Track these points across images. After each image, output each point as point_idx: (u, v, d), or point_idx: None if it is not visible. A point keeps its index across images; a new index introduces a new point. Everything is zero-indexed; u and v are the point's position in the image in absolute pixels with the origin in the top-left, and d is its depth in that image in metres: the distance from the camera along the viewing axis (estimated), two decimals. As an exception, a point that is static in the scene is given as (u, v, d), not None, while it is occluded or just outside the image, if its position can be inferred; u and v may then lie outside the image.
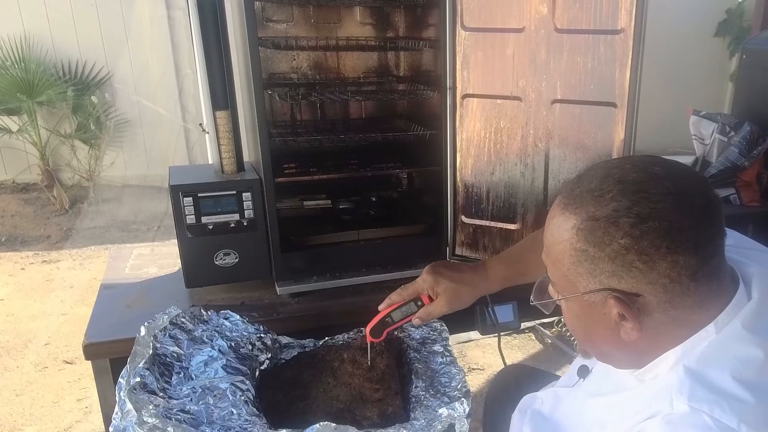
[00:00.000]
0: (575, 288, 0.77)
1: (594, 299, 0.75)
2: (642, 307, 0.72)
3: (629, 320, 0.73)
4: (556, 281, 0.81)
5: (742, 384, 0.68)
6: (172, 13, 4.76)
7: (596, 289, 0.74)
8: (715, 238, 0.72)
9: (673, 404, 0.70)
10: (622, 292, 0.72)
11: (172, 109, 4.95)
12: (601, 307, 0.75)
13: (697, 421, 0.67)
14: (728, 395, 0.68)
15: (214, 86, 1.46)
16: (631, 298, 0.72)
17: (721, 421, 0.66)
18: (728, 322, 0.73)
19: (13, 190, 4.92)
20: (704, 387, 0.69)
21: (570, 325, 0.85)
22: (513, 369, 1.53)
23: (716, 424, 0.66)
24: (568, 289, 0.79)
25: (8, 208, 4.71)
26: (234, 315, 1.23)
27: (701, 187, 0.73)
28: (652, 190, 0.71)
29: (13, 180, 4.97)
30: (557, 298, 0.82)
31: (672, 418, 0.69)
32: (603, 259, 0.72)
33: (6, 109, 4.56)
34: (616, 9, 1.34)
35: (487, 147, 1.55)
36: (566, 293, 0.79)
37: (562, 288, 0.80)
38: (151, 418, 0.91)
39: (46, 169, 4.76)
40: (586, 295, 0.75)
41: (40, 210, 4.75)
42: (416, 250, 1.62)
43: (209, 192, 1.43)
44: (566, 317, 0.85)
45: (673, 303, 0.72)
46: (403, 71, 1.88)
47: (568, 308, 0.82)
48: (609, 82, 1.39)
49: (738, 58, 3.10)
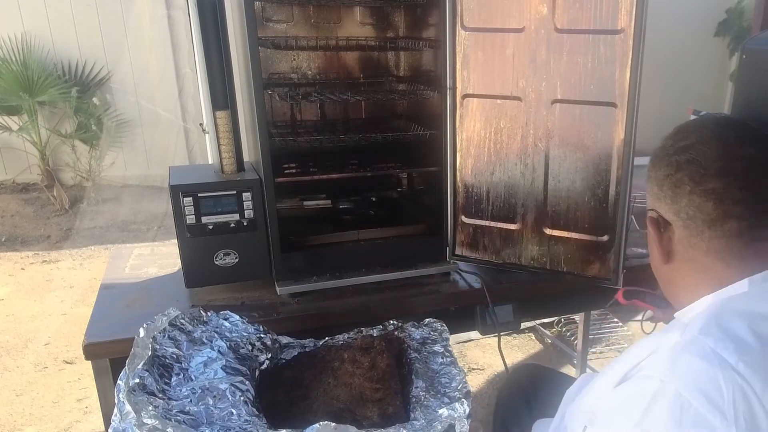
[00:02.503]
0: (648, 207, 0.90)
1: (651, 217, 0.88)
2: (670, 237, 0.83)
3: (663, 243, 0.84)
4: None
5: (754, 334, 0.73)
6: (172, 13, 4.76)
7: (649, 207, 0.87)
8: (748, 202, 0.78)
9: (683, 334, 0.76)
10: (659, 216, 0.85)
11: (171, 109, 4.95)
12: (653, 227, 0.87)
13: (699, 348, 0.72)
14: (737, 338, 0.73)
15: (214, 86, 1.46)
16: (664, 223, 0.84)
17: (721, 355, 0.71)
18: (762, 283, 0.78)
19: (13, 190, 4.92)
20: (717, 326, 0.74)
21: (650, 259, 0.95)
22: (527, 368, 1.53)
23: (715, 355, 0.71)
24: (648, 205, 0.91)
25: (8, 208, 4.71)
26: (234, 315, 1.23)
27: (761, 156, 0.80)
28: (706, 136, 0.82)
29: (13, 180, 4.97)
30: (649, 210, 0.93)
31: (678, 343, 0.75)
32: (653, 181, 0.86)
33: (6, 108, 4.56)
34: (616, 9, 1.34)
35: (487, 147, 1.55)
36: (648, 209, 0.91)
37: None
38: (151, 419, 0.91)
39: (46, 169, 4.76)
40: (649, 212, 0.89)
41: (40, 210, 4.75)
42: (416, 250, 1.62)
43: (209, 192, 1.43)
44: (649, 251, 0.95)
45: (690, 242, 0.81)
46: (403, 71, 1.88)
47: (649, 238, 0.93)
48: (609, 82, 1.38)
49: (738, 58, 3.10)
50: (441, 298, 1.55)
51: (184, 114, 5.00)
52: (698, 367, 0.71)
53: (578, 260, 1.52)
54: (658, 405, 0.70)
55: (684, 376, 0.71)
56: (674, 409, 0.69)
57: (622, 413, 0.74)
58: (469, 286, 1.58)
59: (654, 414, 0.70)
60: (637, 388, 0.74)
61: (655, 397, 0.71)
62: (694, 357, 0.72)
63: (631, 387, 0.76)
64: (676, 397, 0.69)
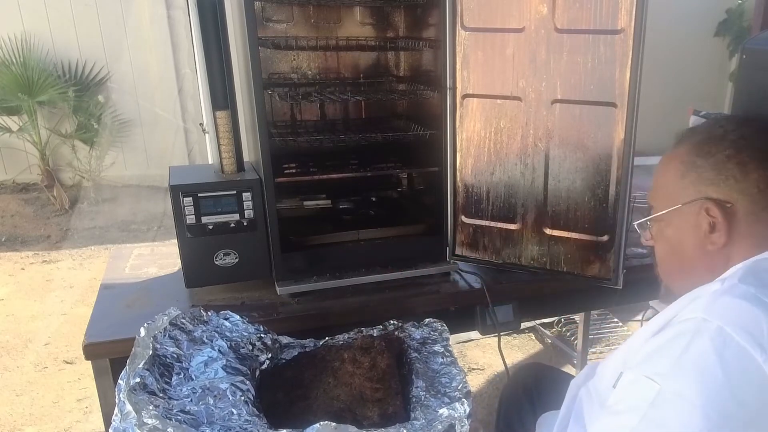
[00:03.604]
0: (676, 203, 0.91)
1: (691, 210, 0.89)
2: (731, 216, 0.85)
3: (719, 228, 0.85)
4: (658, 205, 0.95)
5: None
6: (172, 13, 4.76)
7: (695, 198, 0.88)
8: None
9: (723, 283, 0.81)
10: (717, 200, 0.86)
11: (171, 109, 4.95)
12: (695, 219, 0.88)
13: (741, 292, 0.78)
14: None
15: (214, 86, 1.46)
16: (723, 205, 0.85)
17: (761, 299, 0.76)
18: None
19: (13, 190, 4.92)
20: (756, 276, 0.81)
21: (662, 253, 0.98)
22: (531, 367, 1.53)
23: (756, 298, 0.76)
24: (669, 206, 0.92)
25: (8, 208, 4.71)
26: (234, 315, 1.23)
27: None
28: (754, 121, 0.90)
29: (13, 180, 4.96)
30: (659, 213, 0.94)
31: (717, 290, 0.80)
32: (707, 167, 0.87)
33: (6, 109, 4.56)
34: (616, 9, 1.34)
35: (487, 147, 1.55)
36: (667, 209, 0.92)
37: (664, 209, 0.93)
38: (151, 419, 0.91)
39: (46, 169, 4.76)
40: (685, 206, 0.89)
41: (40, 210, 4.75)
42: (416, 250, 1.62)
43: (209, 192, 1.43)
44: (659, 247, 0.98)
45: (758, 216, 0.85)
46: (403, 71, 1.88)
47: (663, 234, 0.95)
48: (609, 82, 1.38)
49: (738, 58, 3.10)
50: (441, 298, 1.55)
51: (184, 114, 5.00)
52: (740, 307, 0.76)
53: (578, 260, 1.52)
54: (701, 339, 0.73)
55: (726, 314, 0.75)
56: (717, 342, 0.73)
57: (664, 350, 0.76)
58: (469, 286, 1.58)
59: (696, 347, 0.73)
60: (679, 328, 0.77)
61: (697, 332, 0.74)
62: (736, 298, 0.77)
63: (671, 330, 0.78)
64: (718, 332, 0.73)
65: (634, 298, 1.71)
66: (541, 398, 1.20)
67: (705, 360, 0.72)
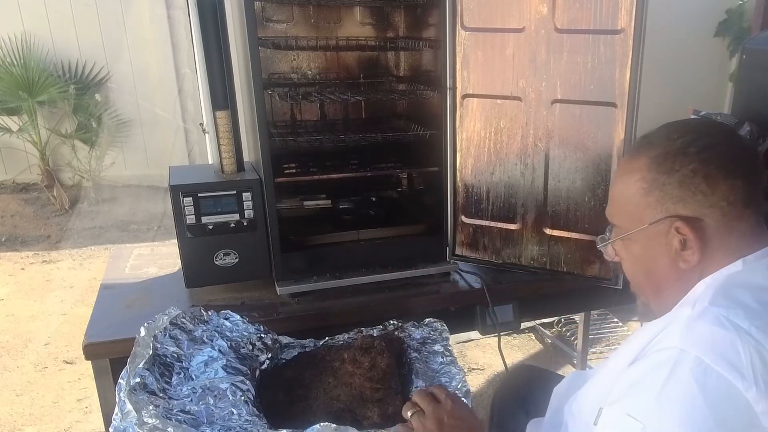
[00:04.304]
0: (641, 222, 0.86)
1: (659, 229, 0.85)
2: (702, 232, 0.82)
3: (690, 245, 0.82)
4: (622, 223, 0.91)
5: (760, 302, 0.78)
6: (172, 13, 4.76)
7: (663, 217, 0.84)
8: (760, 173, 0.85)
9: (694, 307, 0.79)
10: (686, 218, 0.82)
11: (171, 109, 4.95)
12: (664, 237, 0.85)
13: (713, 317, 0.76)
14: (745, 305, 0.77)
15: (214, 86, 1.46)
16: (692, 222, 0.82)
17: (734, 321, 0.75)
18: (755, 262, 0.83)
19: (13, 190, 4.91)
20: (725, 297, 0.79)
21: (631, 270, 0.94)
22: (524, 370, 1.53)
23: (729, 321, 0.74)
24: (634, 226, 0.88)
25: (8, 208, 4.71)
26: (234, 315, 1.23)
27: None
28: (713, 129, 0.87)
29: (13, 180, 4.96)
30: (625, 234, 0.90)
31: (691, 316, 0.78)
32: (672, 184, 0.82)
33: (6, 109, 4.56)
34: (616, 9, 1.34)
35: (487, 147, 1.55)
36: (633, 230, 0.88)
37: (628, 228, 0.90)
38: (151, 418, 0.91)
39: (46, 169, 4.76)
40: (653, 226, 0.85)
41: (40, 210, 4.75)
42: (416, 250, 1.62)
43: (209, 192, 1.43)
44: (627, 265, 0.94)
45: (729, 227, 0.82)
46: (403, 71, 1.88)
47: (631, 251, 0.91)
48: (609, 82, 1.39)
49: (738, 58, 3.10)
50: (441, 298, 1.55)
51: (184, 114, 4.99)
52: (715, 334, 0.74)
53: (578, 260, 1.52)
54: (681, 372, 0.72)
55: (702, 343, 0.73)
56: (697, 373, 0.71)
57: (643, 384, 0.75)
58: (469, 286, 1.58)
59: (677, 380, 0.72)
60: (656, 359, 0.76)
61: (676, 365, 0.73)
62: (709, 325, 0.75)
63: (648, 360, 0.77)
64: (697, 363, 0.72)
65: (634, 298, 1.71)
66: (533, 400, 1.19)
67: (687, 394, 0.71)
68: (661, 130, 0.88)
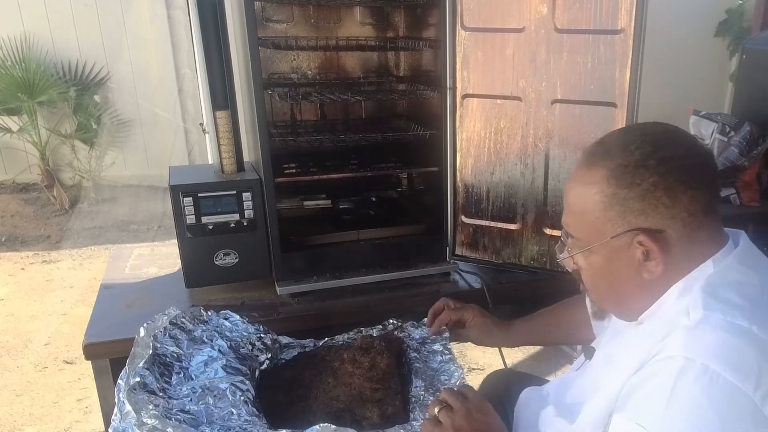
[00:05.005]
0: (602, 236, 0.85)
1: (621, 242, 0.84)
2: (665, 244, 0.82)
3: (653, 257, 0.82)
4: (581, 235, 0.89)
5: (746, 299, 0.78)
6: (172, 13, 4.76)
7: (624, 230, 0.83)
8: (717, 179, 0.85)
9: (689, 316, 0.78)
10: (648, 230, 0.81)
11: (171, 109, 4.95)
12: (627, 250, 0.84)
13: (713, 323, 0.75)
14: (737, 305, 0.77)
15: (214, 86, 1.46)
16: (655, 235, 0.81)
17: (734, 322, 0.75)
18: (723, 259, 0.83)
19: (13, 190, 4.91)
20: (716, 299, 0.78)
21: (591, 281, 0.93)
22: (502, 374, 1.52)
23: (728, 324, 0.75)
24: (594, 238, 0.87)
25: (8, 208, 4.71)
26: (234, 315, 1.23)
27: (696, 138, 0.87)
28: (671, 138, 0.85)
29: (13, 180, 4.96)
30: (585, 248, 0.89)
31: (690, 325, 0.77)
32: (633, 198, 0.81)
33: (6, 109, 4.56)
34: (616, 9, 1.34)
35: (487, 147, 1.55)
36: (593, 243, 0.87)
37: (587, 240, 0.88)
38: (151, 419, 0.91)
39: (46, 169, 4.76)
40: (614, 239, 0.84)
41: (40, 210, 4.75)
42: (416, 250, 1.62)
43: (209, 192, 1.43)
44: (588, 275, 0.92)
45: (690, 237, 0.82)
46: (403, 71, 1.88)
47: (591, 262, 0.90)
48: (609, 82, 1.39)
49: (738, 58, 3.10)
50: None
51: (184, 114, 4.99)
52: (719, 339, 0.74)
53: (578, 260, 1.52)
54: (687, 379, 0.72)
55: (707, 350, 0.73)
56: (703, 381, 0.71)
57: (649, 393, 0.75)
58: (469, 286, 1.58)
59: (683, 388, 0.71)
60: (661, 368, 0.75)
61: (681, 373, 0.72)
62: (712, 331, 0.75)
63: (653, 369, 0.77)
64: (703, 370, 0.71)
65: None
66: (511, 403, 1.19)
67: (694, 401, 0.71)
68: (617, 138, 0.87)
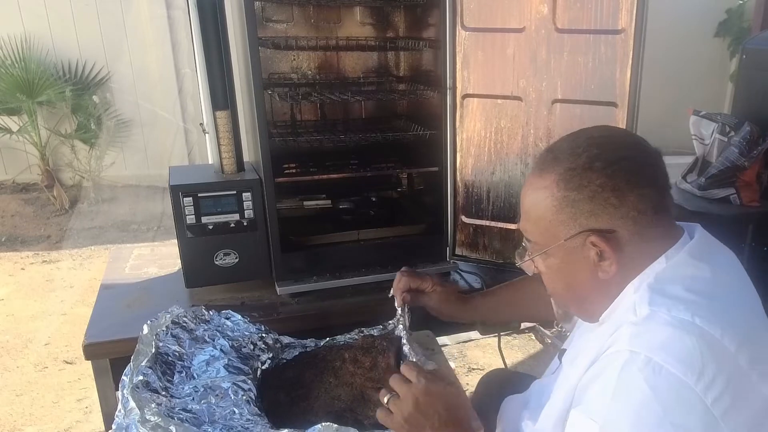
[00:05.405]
0: (557, 238, 0.87)
1: (575, 244, 0.86)
2: (616, 243, 0.83)
3: (607, 256, 0.84)
4: (538, 239, 0.91)
5: (693, 293, 0.80)
6: (172, 13, 4.76)
7: (577, 232, 0.85)
8: (666, 177, 0.87)
9: (636, 312, 0.80)
10: (599, 231, 0.83)
11: (171, 109, 4.95)
12: (581, 251, 0.86)
13: (657, 318, 0.78)
14: (682, 299, 0.79)
15: (214, 86, 1.46)
16: (606, 235, 0.83)
17: (677, 317, 0.77)
18: (676, 254, 0.85)
19: (13, 190, 4.91)
20: (661, 295, 0.80)
21: (551, 283, 0.94)
22: (496, 374, 1.53)
23: (673, 318, 0.77)
24: (550, 242, 0.89)
25: (8, 208, 4.71)
26: (235, 315, 1.23)
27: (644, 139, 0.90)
28: (615, 139, 0.88)
29: (13, 180, 4.96)
30: (542, 251, 0.91)
31: (636, 321, 0.79)
32: (582, 200, 0.83)
33: (6, 109, 4.56)
34: (617, 9, 1.34)
35: (488, 147, 1.55)
36: (549, 246, 0.89)
37: (544, 244, 0.90)
38: (154, 416, 0.91)
39: (46, 169, 4.76)
40: (568, 241, 0.86)
41: (40, 210, 4.75)
42: (416, 250, 1.62)
43: (209, 192, 1.43)
44: (548, 278, 0.94)
45: (642, 235, 0.83)
46: (403, 71, 1.88)
47: (549, 265, 0.91)
48: (609, 82, 1.39)
49: (738, 58, 3.10)
50: (441, 298, 1.55)
51: (184, 114, 4.99)
52: (664, 333, 0.76)
53: (578, 260, 1.52)
54: (631, 371, 0.74)
55: (651, 344, 0.75)
56: (647, 373, 0.73)
57: (597, 386, 0.77)
58: (469, 286, 1.58)
59: (628, 380, 0.73)
60: (607, 362, 0.78)
61: (626, 365, 0.74)
62: (656, 325, 0.77)
63: (601, 363, 0.79)
64: (646, 362, 0.73)
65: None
66: None
67: (639, 392, 0.72)
68: (565, 143, 0.88)
